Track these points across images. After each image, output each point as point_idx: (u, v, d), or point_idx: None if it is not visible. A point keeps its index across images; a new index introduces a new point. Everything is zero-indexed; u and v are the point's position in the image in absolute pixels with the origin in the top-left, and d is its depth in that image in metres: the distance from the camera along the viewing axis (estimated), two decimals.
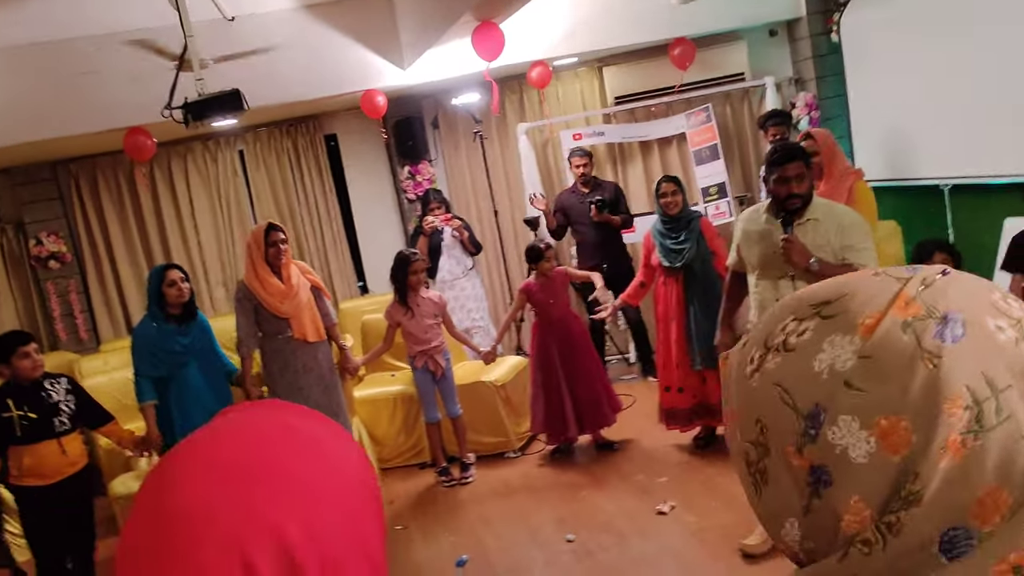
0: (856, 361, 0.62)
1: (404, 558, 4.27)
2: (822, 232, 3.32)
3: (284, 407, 0.84)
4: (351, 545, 0.73)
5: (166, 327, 4.51)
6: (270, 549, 0.68)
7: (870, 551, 0.61)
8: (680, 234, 4.78)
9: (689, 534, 3.97)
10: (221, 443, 0.77)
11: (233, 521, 0.69)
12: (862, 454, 0.61)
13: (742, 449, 0.70)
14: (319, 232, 7.25)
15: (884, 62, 6.21)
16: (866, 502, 0.61)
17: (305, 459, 0.76)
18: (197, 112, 3.90)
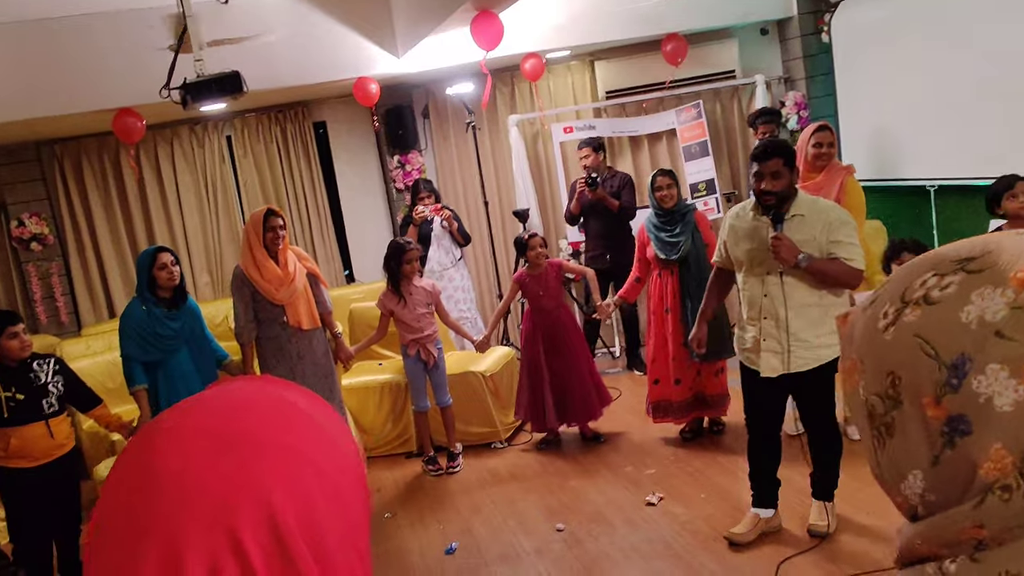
0: (1008, 312, 0.64)
1: (393, 546, 4.27)
2: (807, 228, 3.35)
3: (279, 383, 0.83)
4: (339, 526, 0.71)
5: (156, 311, 4.46)
6: (257, 520, 0.66)
7: (1010, 497, 0.63)
8: (675, 227, 4.81)
9: (678, 525, 4.00)
10: (211, 412, 0.75)
11: (222, 490, 0.67)
12: (1008, 402, 0.63)
13: (867, 403, 0.71)
14: (306, 220, 7.21)
15: (873, 63, 6.28)
16: (1008, 449, 0.63)
17: (299, 434, 0.74)
18: (196, 93, 3.86)
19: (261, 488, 0.67)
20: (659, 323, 4.92)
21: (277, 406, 0.76)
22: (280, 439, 0.71)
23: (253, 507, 0.66)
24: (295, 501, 0.68)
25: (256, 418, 0.73)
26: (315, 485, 0.70)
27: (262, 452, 0.70)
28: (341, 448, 0.76)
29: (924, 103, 5.84)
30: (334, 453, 0.74)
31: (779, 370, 3.47)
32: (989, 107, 5.33)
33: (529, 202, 6.89)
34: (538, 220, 6.98)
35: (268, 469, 0.69)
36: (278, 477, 0.69)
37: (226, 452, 0.69)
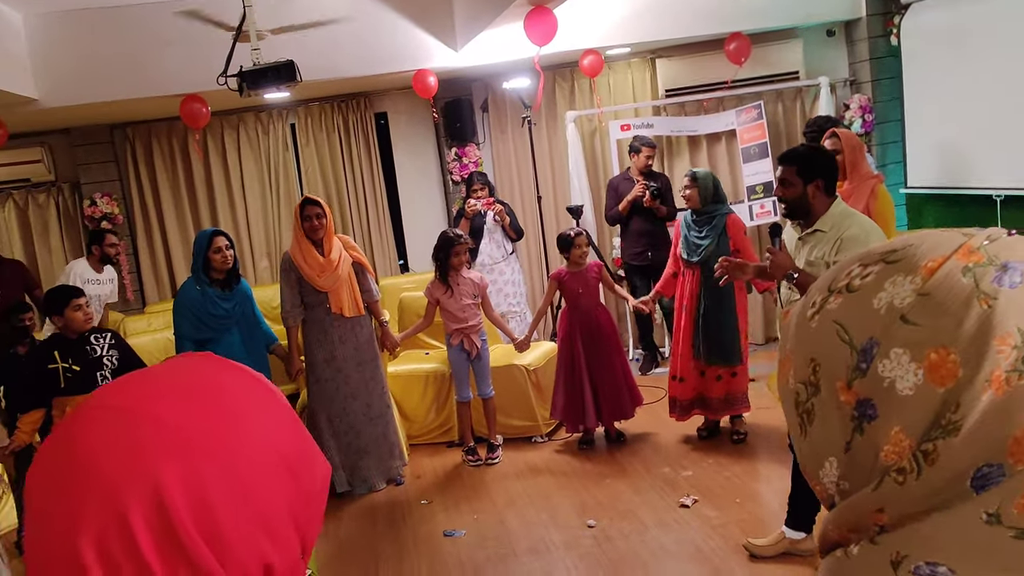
0: (915, 298, 0.66)
1: (426, 531, 4.34)
2: (822, 245, 3.21)
3: (221, 363, 0.84)
4: (243, 515, 0.72)
5: (210, 291, 4.62)
6: (148, 505, 0.68)
7: (904, 480, 0.64)
8: (703, 229, 4.79)
9: (710, 528, 3.97)
10: (129, 391, 0.78)
11: (116, 473, 0.70)
12: (909, 386, 0.65)
13: (792, 390, 0.74)
14: (364, 209, 7.33)
15: (942, 68, 6.09)
16: (907, 432, 0.65)
17: (212, 418, 0.75)
18: (252, 81, 3.97)
19: (153, 469, 0.70)
20: (678, 320, 4.96)
21: (194, 387, 0.79)
22: (183, 421, 0.74)
23: (143, 488, 0.69)
24: (186, 483, 0.70)
25: (166, 399, 0.76)
26: (212, 467, 0.72)
27: (161, 433, 0.72)
28: (258, 432, 0.78)
29: (994, 110, 5.65)
30: (245, 437, 0.76)
31: None
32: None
33: (583, 199, 6.88)
34: (592, 217, 6.97)
35: (163, 450, 0.71)
36: (172, 458, 0.71)
37: (127, 432, 0.72)
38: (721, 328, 4.81)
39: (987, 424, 0.61)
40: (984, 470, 0.62)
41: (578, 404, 5.11)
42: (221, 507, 0.71)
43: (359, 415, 4.83)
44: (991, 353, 0.62)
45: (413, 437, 5.58)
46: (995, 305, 0.63)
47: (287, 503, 0.78)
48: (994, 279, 0.65)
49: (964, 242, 0.68)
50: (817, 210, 3.25)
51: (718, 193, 4.86)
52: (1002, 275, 0.65)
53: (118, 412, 0.74)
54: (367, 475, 4.91)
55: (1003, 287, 0.64)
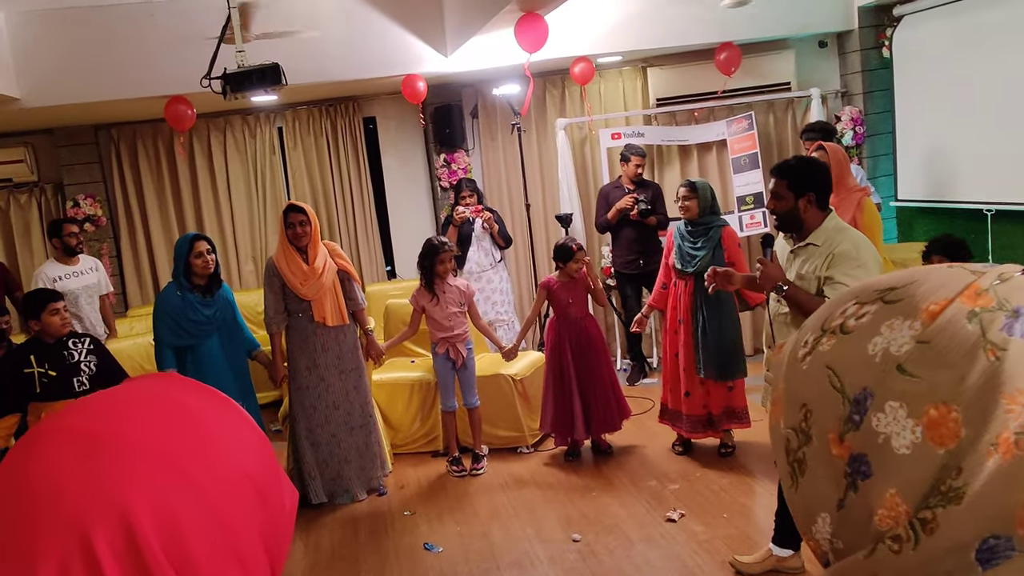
0: (913, 346, 0.58)
1: (409, 543, 4.27)
2: (813, 259, 3.15)
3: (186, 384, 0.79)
4: (214, 539, 0.67)
5: (190, 296, 4.54)
6: (115, 531, 0.63)
7: (900, 549, 0.56)
8: (698, 240, 4.74)
9: (696, 543, 3.91)
10: (90, 413, 0.72)
11: (80, 498, 0.64)
12: (905, 444, 0.56)
13: (783, 436, 0.66)
14: (351, 214, 7.26)
15: (935, 81, 6.08)
16: (903, 496, 0.56)
17: (173, 438, 0.70)
18: (236, 83, 3.91)
19: (119, 493, 0.64)
20: (672, 334, 4.89)
21: (159, 408, 0.74)
22: (150, 443, 0.68)
23: (109, 513, 0.63)
24: (155, 507, 0.65)
25: (132, 421, 0.70)
26: (181, 492, 0.67)
27: (127, 456, 0.67)
28: (226, 454, 0.72)
29: (985, 124, 5.64)
30: (214, 459, 0.71)
31: None
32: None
33: (573, 207, 6.83)
34: (581, 226, 6.92)
35: (130, 473, 0.66)
36: (139, 482, 0.65)
37: (91, 455, 0.67)
38: (720, 341, 4.75)
39: (995, 492, 0.53)
40: (991, 542, 0.53)
41: (567, 416, 5.05)
42: (192, 532, 0.65)
43: (341, 424, 4.76)
44: (998, 412, 0.54)
45: (397, 446, 5.50)
46: (1004, 357, 0.55)
47: (258, 526, 0.72)
48: (1004, 327, 0.56)
49: (972, 281, 0.59)
50: (809, 224, 3.20)
51: (714, 204, 4.82)
52: (1013, 323, 0.56)
53: (80, 435, 0.68)
54: (349, 485, 4.83)
55: (1014, 336, 0.55)
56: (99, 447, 0.58)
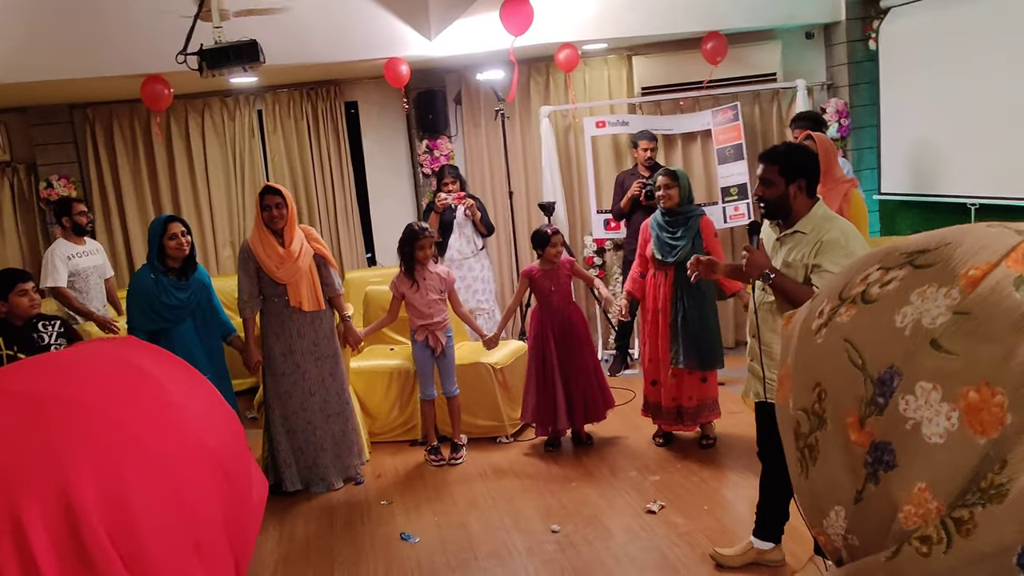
0: (950, 318, 0.50)
1: (385, 533, 4.20)
2: (801, 247, 3.09)
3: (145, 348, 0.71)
4: (169, 520, 0.59)
5: (164, 279, 4.45)
6: (51, 508, 0.54)
7: (929, 551, 0.49)
8: (678, 229, 4.69)
9: (676, 535, 3.87)
10: (38, 373, 0.63)
11: (12, 468, 0.56)
12: (939, 431, 0.49)
13: (792, 419, 0.58)
14: (331, 199, 7.16)
15: (920, 74, 6.06)
16: (934, 492, 0.49)
17: (131, 407, 0.61)
18: (212, 60, 3.81)
19: (60, 464, 0.56)
20: (652, 324, 4.84)
21: (117, 372, 0.65)
22: (100, 405, 0.60)
23: (47, 486, 0.55)
24: (101, 481, 0.56)
25: (81, 380, 0.62)
26: (134, 464, 0.59)
27: (72, 418, 0.59)
28: (189, 427, 0.64)
29: (970, 118, 5.62)
30: (174, 430, 0.63)
31: (760, 396, 3.28)
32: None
33: (556, 195, 6.77)
34: (564, 214, 6.86)
35: (74, 439, 0.57)
36: (85, 449, 0.57)
37: (32, 419, 0.59)
38: (702, 331, 4.71)
39: None
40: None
41: (550, 406, 4.99)
42: (144, 512, 0.57)
43: (316, 411, 4.68)
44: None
45: (375, 435, 5.43)
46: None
47: (221, 511, 0.64)
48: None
49: (1018, 243, 0.51)
50: (798, 211, 3.14)
51: (691, 193, 4.80)
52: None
53: (21, 398, 0.60)
54: (325, 473, 4.75)
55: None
56: (39, 410, 0.51)
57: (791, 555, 3.53)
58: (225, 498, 0.55)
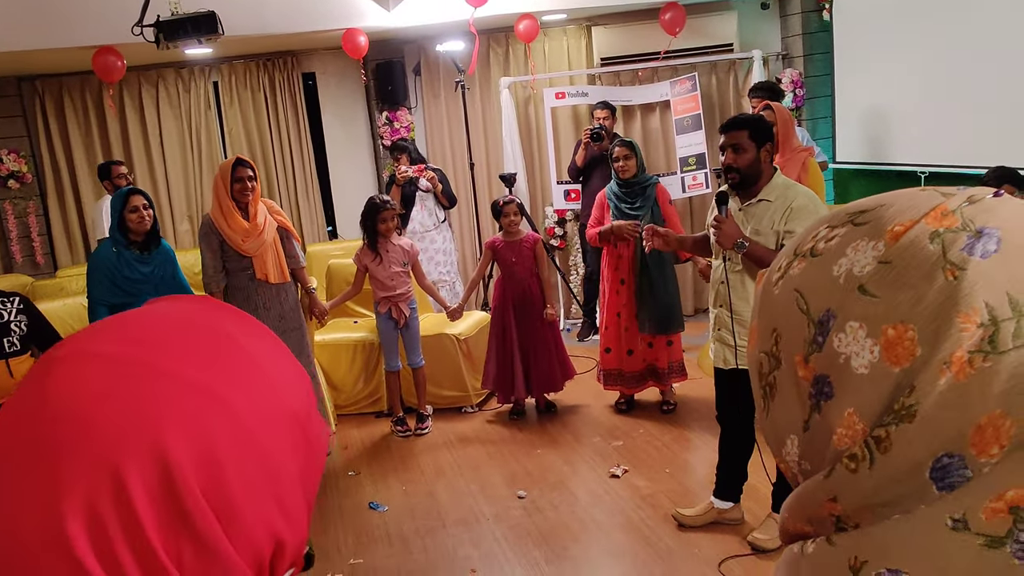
0: (875, 266, 0.59)
1: (352, 503, 4.24)
2: (770, 214, 3.16)
3: (227, 311, 0.72)
4: (251, 474, 0.62)
5: (126, 253, 4.40)
6: (149, 467, 0.57)
7: (856, 468, 0.57)
8: (636, 200, 4.76)
9: (639, 498, 3.98)
10: (119, 336, 0.65)
11: (111, 429, 0.58)
12: (864, 363, 0.57)
13: (756, 361, 0.67)
14: (291, 172, 7.11)
15: (872, 45, 6.17)
16: (860, 415, 0.57)
17: (215, 368, 0.64)
18: (169, 32, 3.74)
19: (155, 426, 0.59)
20: (613, 294, 4.91)
21: (199, 335, 0.67)
22: (188, 372, 0.62)
23: (143, 447, 0.58)
24: (195, 443, 0.59)
25: (168, 346, 0.64)
26: (222, 426, 0.61)
27: (164, 385, 0.61)
28: (272, 389, 0.67)
29: (920, 88, 5.75)
30: (258, 393, 0.65)
31: (731, 363, 3.35)
32: (984, 94, 5.25)
33: (517, 167, 6.80)
34: (525, 186, 6.89)
35: (167, 404, 0.60)
36: (177, 414, 0.60)
37: (123, 382, 0.61)
38: (666, 298, 4.80)
39: (946, 410, 0.54)
40: (944, 460, 0.55)
41: (508, 374, 5.07)
42: (233, 472, 0.60)
43: None
44: (953, 331, 0.55)
45: (341, 407, 5.46)
46: (962, 276, 0.56)
47: (298, 469, 0.67)
48: (965, 247, 0.57)
49: (940, 203, 0.60)
50: (763, 179, 3.22)
51: (644, 162, 4.89)
52: (975, 242, 0.57)
53: (108, 359, 0.62)
54: None
55: (974, 256, 0.56)
56: (131, 374, 0.53)
57: (750, 513, 3.66)
58: (302, 455, 0.58)
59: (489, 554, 3.62)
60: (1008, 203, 0.60)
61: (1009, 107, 5.08)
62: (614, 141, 5.04)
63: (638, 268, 4.78)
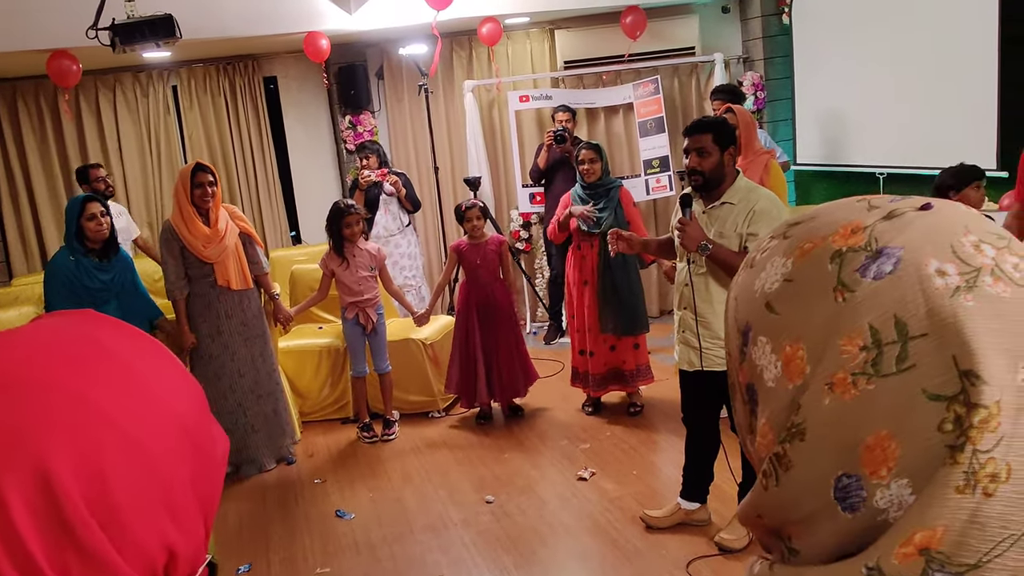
0: (780, 284, 0.60)
1: (319, 511, 4.20)
2: (733, 217, 3.17)
3: (102, 321, 0.72)
4: (142, 490, 0.62)
5: (84, 261, 4.31)
6: (29, 481, 0.57)
7: (767, 485, 0.59)
8: (600, 201, 4.78)
9: (607, 501, 3.98)
10: (1, 351, 0.65)
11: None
12: (772, 377, 0.59)
13: (726, 359, 0.69)
14: (253, 177, 7.02)
15: (831, 48, 6.26)
16: (771, 428, 0.59)
17: (96, 380, 0.64)
18: (125, 35, 3.67)
19: (35, 438, 0.58)
20: (579, 295, 4.94)
21: (80, 348, 0.66)
22: (70, 384, 0.62)
23: (23, 460, 0.57)
24: (76, 453, 0.59)
25: (48, 359, 0.63)
26: (106, 436, 0.61)
27: (44, 398, 0.60)
28: (154, 396, 0.66)
29: (878, 90, 5.85)
30: (140, 401, 0.65)
31: (695, 365, 3.35)
32: (940, 97, 5.34)
33: (481, 170, 6.78)
34: (490, 189, 6.88)
35: (47, 417, 0.59)
36: (58, 426, 0.59)
37: (5, 402, 0.60)
38: (628, 297, 4.83)
39: (832, 428, 0.55)
40: (844, 480, 0.56)
41: (471, 379, 5.05)
42: (119, 483, 0.59)
43: (247, 392, 4.63)
44: (833, 353, 0.56)
45: (306, 414, 5.40)
46: (850, 299, 0.56)
47: (190, 477, 0.67)
48: (860, 267, 0.57)
49: (855, 220, 0.60)
50: (726, 182, 3.23)
51: (609, 165, 4.92)
52: (870, 263, 0.57)
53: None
54: (256, 455, 4.71)
55: (866, 278, 0.57)
56: (7, 386, 0.52)
57: (716, 514, 3.68)
58: (192, 460, 0.57)
59: (458, 560, 3.61)
60: (925, 218, 0.59)
61: (961, 108, 5.18)
62: (578, 144, 5.06)
63: (601, 269, 4.80)
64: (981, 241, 0.58)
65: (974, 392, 0.53)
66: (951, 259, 0.57)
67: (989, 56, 4.95)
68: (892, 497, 0.55)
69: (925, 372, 0.54)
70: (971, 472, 0.53)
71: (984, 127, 5.03)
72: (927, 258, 0.57)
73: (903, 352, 0.55)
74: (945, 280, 0.56)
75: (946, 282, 0.56)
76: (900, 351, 0.55)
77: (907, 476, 0.54)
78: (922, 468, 0.54)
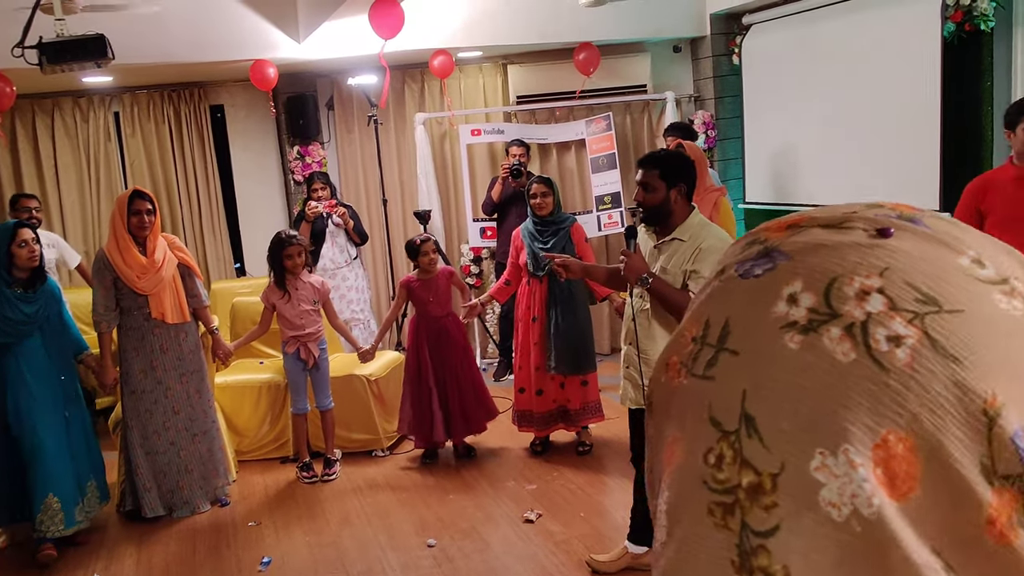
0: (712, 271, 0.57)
1: (252, 556, 4.00)
2: (680, 252, 3.12)
3: None
4: None
5: (8, 292, 4.09)
6: None
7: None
8: (549, 240, 4.71)
9: (553, 544, 3.86)
10: None
11: None
12: None
13: None
14: (196, 207, 6.84)
15: (778, 88, 6.33)
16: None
17: None
18: (53, 54, 3.52)
19: None
20: (526, 331, 4.84)
21: None
22: None
23: None
24: None
25: None
26: None
27: None
28: None
29: (823, 130, 5.92)
30: None
31: (638, 403, 3.28)
32: (885, 138, 5.41)
33: (432, 203, 6.69)
34: (440, 223, 6.79)
35: None
36: None
37: None
38: (577, 337, 4.73)
39: (662, 407, 0.53)
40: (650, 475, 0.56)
41: (426, 418, 4.88)
42: None
43: (181, 431, 4.43)
44: (678, 338, 0.52)
45: (243, 453, 5.19)
46: (711, 292, 0.52)
47: None
48: (740, 263, 0.52)
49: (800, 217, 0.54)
50: (676, 217, 3.17)
51: (561, 200, 4.85)
52: (754, 262, 0.51)
53: None
54: (189, 496, 4.50)
55: (735, 274, 0.51)
56: None
57: None
58: None
59: None
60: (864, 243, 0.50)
61: (906, 149, 5.24)
62: (531, 178, 5.00)
63: (549, 306, 4.71)
64: (888, 295, 0.46)
65: (748, 444, 0.46)
66: (817, 292, 0.47)
67: (932, 98, 5.02)
68: (663, 509, 0.50)
69: (718, 391, 0.48)
70: (744, 551, 0.45)
71: (928, 168, 5.10)
72: (796, 279, 0.48)
73: (713, 359, 0.49)
74: (789, 309, 0.48)
75: (788, 311, 0.48)
76: (712, 357, 0.49)
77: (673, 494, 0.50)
78: (685, 496, 0.49)
